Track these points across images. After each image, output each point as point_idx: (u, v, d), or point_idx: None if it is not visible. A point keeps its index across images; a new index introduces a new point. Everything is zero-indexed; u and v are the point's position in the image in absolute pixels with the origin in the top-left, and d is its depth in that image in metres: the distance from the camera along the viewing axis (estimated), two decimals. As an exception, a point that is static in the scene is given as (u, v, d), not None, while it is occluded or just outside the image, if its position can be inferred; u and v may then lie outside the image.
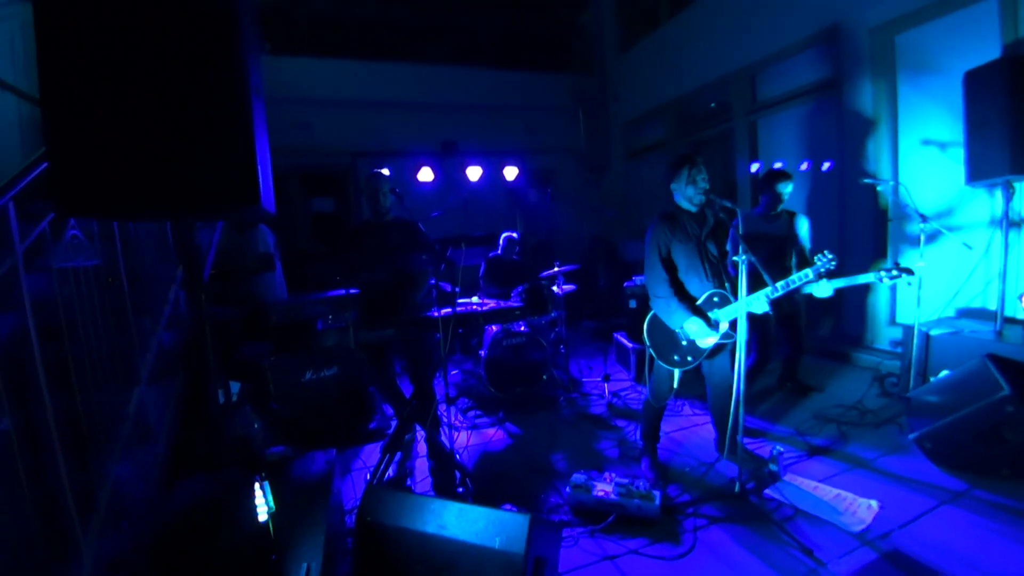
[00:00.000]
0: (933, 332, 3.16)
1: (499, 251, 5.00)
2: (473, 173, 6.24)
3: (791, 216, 3.45)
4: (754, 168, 5.77)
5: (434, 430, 2.91)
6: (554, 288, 4.40)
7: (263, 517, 1.47)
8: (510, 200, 7.87)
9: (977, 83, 2.92)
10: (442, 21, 7.64)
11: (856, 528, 2.15)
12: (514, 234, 5.03)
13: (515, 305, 3.03)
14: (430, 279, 3.16)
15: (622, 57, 7.92)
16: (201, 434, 2.32)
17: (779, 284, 2.36)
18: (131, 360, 2.23)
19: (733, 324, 2.47)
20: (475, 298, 4.03)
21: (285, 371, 3.23)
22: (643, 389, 4.01)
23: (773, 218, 3.45)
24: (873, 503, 2.30)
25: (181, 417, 2.46)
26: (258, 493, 1.49)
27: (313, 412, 3.26)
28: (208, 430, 1.37)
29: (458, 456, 2.95)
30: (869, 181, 3.45)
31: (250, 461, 2.26)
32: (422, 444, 3.13)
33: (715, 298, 2.52)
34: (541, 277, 4.55)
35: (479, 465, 3.05)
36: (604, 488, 2.37)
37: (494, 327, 3.95)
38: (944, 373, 2.87)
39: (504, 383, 3.86)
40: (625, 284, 4.50)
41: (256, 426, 2.57)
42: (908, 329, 3.30)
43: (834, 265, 2.39)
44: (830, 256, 2.39)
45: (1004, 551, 1.95)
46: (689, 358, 2.56)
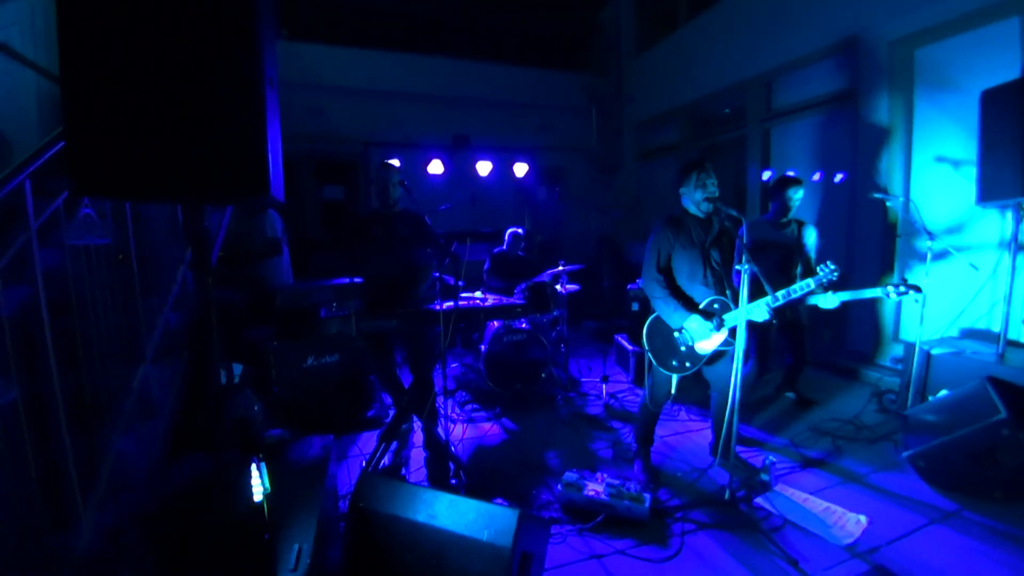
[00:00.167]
0: (935, 351, 3.15)
1: (504, 247, 5.02)
2: (483, 168, 6.26)
3: (800, 225, 3.43)
4: (766, 176, 5.74)
5: (431, 422, 2.94)
6: (557, 287, 4.41)
7: (258, 497, 1.50)
8: (519, 197, 7.88)
9: (994, 102, 2.90)
10: (461, 15, 7.64)
11: (844, 542, 2.16)
12: (520, 230, 5.03)
13: (517, 302, 3.05)
14: (434, 272, 3.18)
15: (638, 58, 7.88)
16: (202, 413, 2.36)
17: (779, 293, 2.37)
18: (137, 338, 2.28)
19: (733, 332, 2.47)
20: (478, 293, 4.06)
21: (287, 356, 3.27)
22: (641, 392, 4.02)
23: (782, 225, 3.44)
24: (862, 518, 2.31)
25: (183, 396, 2.51)
26: (255, 474, 1.52)
27: (313, 397, 3.31)
28: (208, 410, 1.40)
29: (453, 448, 2.98)
30: (879, 196, 3.43)
31: (248, 442, 2.30)
32: (419, 435, 3.16)
33: (715, 305, 2.53)
34: (545, 275, 4.56)
35: (473, 458, 3.09)
36: (595, 488, 2.40)
37: (496, 323, 3.97)
38: (943, 393, 2.87)
39: (503, 379, 3.89)
40: (629, 286, 4.51)
41: (256, 408, 2.61)
42: (909, 346, 3.28)
43: (836, 276, 2.39)
44: (833, 267, 2.39)
45: (991, 573, 1.96)
46: (687, 364, 2.57)
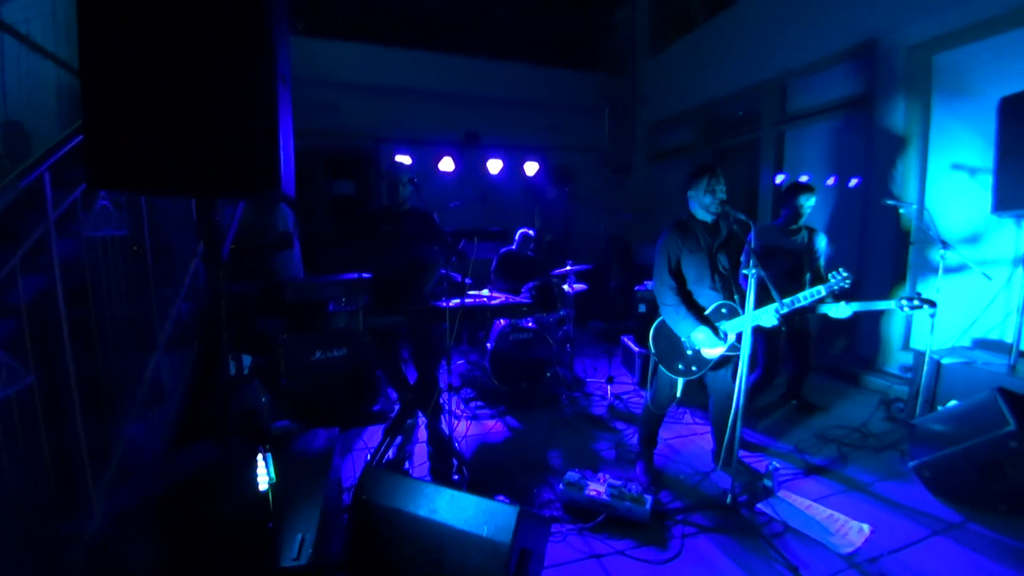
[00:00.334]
0: (945, 360, 3.11)
1: (514, 246, 5.03)
2: (494, 166, 6.26)
3: (811, 232, 3.40)
4: (779, 180, 5.69)
5: (435, 417, 2.97)
6: (565, 287, 4.42)
7: (263, 487, 1.53)
8: (529, 195, 7.87)
9: (1012, 110, 2.85)
10: (475, 13, 7.64)
11: (845, 550, 2.15)
12: (530, 231, 5.04)
13: (524, 301, 3.06)
14: (441, 269, 3.21)
15: (652, 59, 7.84)
16: (210, 403, 2.40)
17: (786, 300, 2.35)
18: (150, 327, 2.32)
19: (739, 338, 2.46)
20: (485, 291, 4.08)
21: (296, 349, 3.32)
22: (646, 394, 4.02)
23: (792, 232, 3.41)
24: (865, 527, 2.29)
25: (193, 385, 2.55)
26: (260, 463, 1.55)
27: (320, 390, 3.35)
28: (217, 400, 1.43)
29: (457, 445, 3.00)
30: (892, 203, 3.39)
31: (255, 433, 2.34)
32: (423, 430, 3.19)
33: (723, 309, 2.52)
34: (553, 275, 4.57)
35: (477, 455, 3.11)
36: (597, 488, 2.40)
37: (502, 321, 3.99)
38: (952, 403, 2.83)
39: (508, 377, 3.90)
40: (636, 288, 4.50)
41: (263, 400, 2.66)
42: (919, 355, 3.25)
43: (849, 284, 2.36)
44: (845, 274, 2.36)
45: (993, 586, 1.94)
46: (693, 368, 2.56)
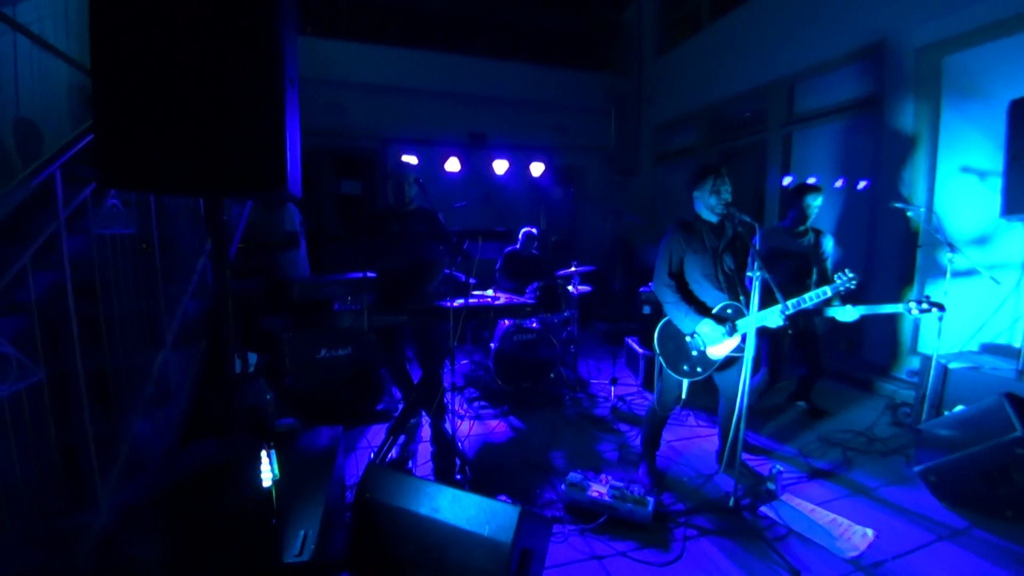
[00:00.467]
0: (952, 365, 3.09)
1: (518, 246, 5.03)
2: (499, 166, 6.27)
3: (818, 234, 3.38)
4: (786, 181, 5.66)
5: (439, 417, 2.98)
6: (569, 287, 4.42)
7: (267, 483, 1.55)
8: (534, 196, 7.88)
9: (1022, 113, 2.83)
10: (482, 13, 7.65)
11: (848, 554, 2.14)
12: (533, 230, 5.04)
13: (528, 301, 3.07)
14: (445, 269, 3.22)
15: (659, 59, 7.82)
16: (216, 400, 2.43)
17: (792, 301, 2.34)
18: (158, 325, 2.35)
19: (744, 338, 2.46)
20: (490, 291, 4.09)
21: (301, 347, 3.34)
22: (650, 395, 4.02)
23: (799, 234, 3.39)
24: (869, 531, 2.28)
25: (200, 382, 2.58)
26: (265, 460, 1.57)
27: (324, 389, 3.37)
28: (222, 397, 1.44)
29: (460, 444, 3.01)
30: (899, 206, 3.36)
31: (260, 430, 2.36)
32: (426, 429, 3.20)
33: (729, 310, 2.51)
34: (557, 276, 4.57)
35: (479, 455, 3.12)
36: (599, 489, 2.41)
37: (506, 321, 4.00)
38: (959, 408, 2.81)
39: (511, 377, 3.91)
40: (640, 289, 4.49)
41: (268, 397, 2.68)
42: (927, 360, 3.22)
43: (855, 285, 2.35)
44: (851, 275, 2.35)
45: (998, 593, 1.93)
46: (699, 369, 2.55)
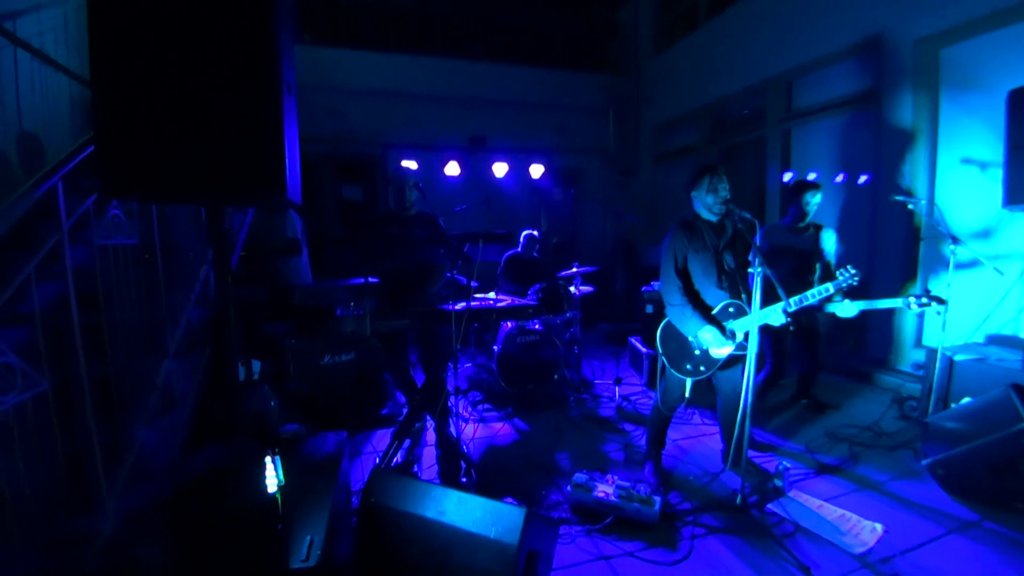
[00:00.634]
0: (958, 357, 3.07)
1: (519, 248, 5.04)
2: (499, 169, 6.28)
3: (818, 229, 3.38)
4: (786, 177, 5.65)
5: (443, 421, 2.98)
6: (571, 288, 4.42)
7: (273, 489, 1.55)
8: (535, 198, 7.89)
9: (1021, 102, 2.81)
10: (479, 17, 7.68)
11: (858, 550, 2.12)
12: (535, 232, 5.05)
13: (530, 303, 3.07)
14: (447, 272, 3.22)
15: (657, 59, 7.83)
16: (220, 407, 2.43)
17: (794, 299, 2.34)
18: (161, 333, 2.36)
19: (747, 336, 2.45)
20: (492, 294, 4.09)
21: (304, 353, 3.35)
22: (654, 395, 4.00)
23: (800, 230, 3.39)
24: (878, 526, 2.27)
25: (204, 389, 2.59)
26: (270, 467, 1.57)
27: (328, 394, 3.37)
28: (227, 404, 1.45)
29: (464, 447, 3.01)
30: (901, 199, 3.35)
31: (264, 436, 2.36)
32: (431, 433, 3.20)
33: (730, 308, 2.51)
34: (559, 277, 4.57)
35: (484, 457, 3.11)
36: (605, 489, 2.40)
37: (509, 323, 3.99)
38: (966, 400, 2.79)
39: (515, 379, 3.91)
40: (643, 289, 4.49)
41: (272, 404, 2.68)
42: (932, 352, 3.20)
43: (857, 281, 2.34)
44: (853, 271, 2.34)
45: (1010, 586, 1.91)
46: (702, 368, 2.55)
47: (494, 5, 7.72)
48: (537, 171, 6.44)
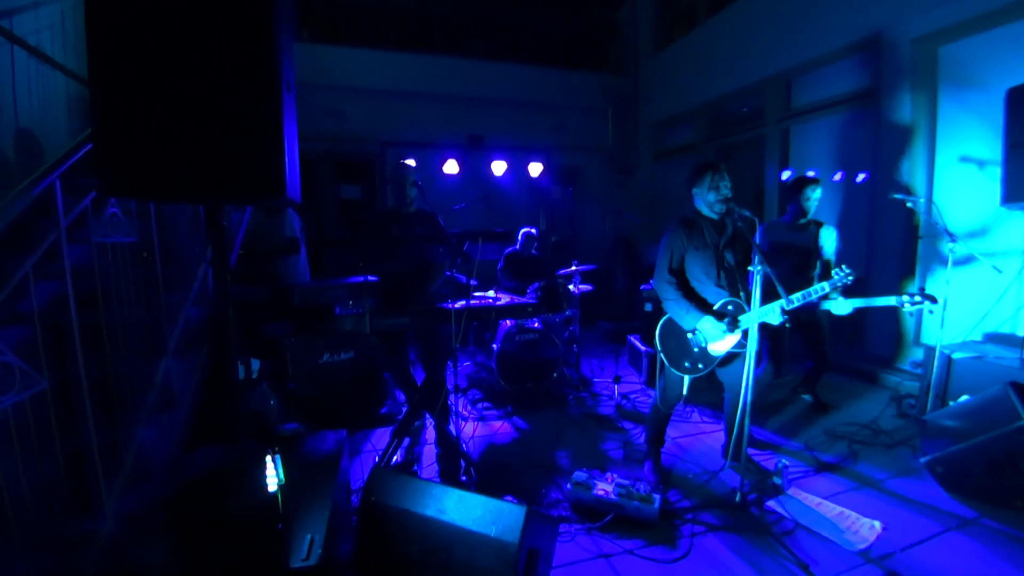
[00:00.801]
0: (956, 355, 3.08)
1: (518, 247, 5.04)
2: (498, 167, 6.27)
3: (818, 226, 3.38)
4: (785, 176, 5.66)
5: (443, 419, 2.98)
6: (570, 287, 4.42)
7: (273, 488, 1.54)
8: (533, 196, 7.89)
9: (1019, 100, 2.82)
10: (478, 16, 7.67)
11: (857, 547, 2.13)
12: (533, 230, 5.05)
13: (530, 301, 3.06)
14: (446, 271, 3.22)
15: (655, 57, 7.83)
16: (219, 406, 2.43)
17: (793, 297, 2.34)
18: (160, 332, 2.35)
19: (747, 333, 2.45)
20: (491, 292, 4.09)
21: (303, 352, 3.34)
22: (653, 393, 4.00)
23: (800, 228, 3.39)
24: (876, 523, 2.27)
25: (202, 389, 2.58)
26: (270, 466, 1.56)
27: (328, 393, 3.37)
28: (226, 403, 1.44)
29: (464, 446, 3.01)
30: (899, 197, 3.35)
31: (264, 435, 2.36)
32: (431, 432, 3.20)
33: (730, 306, 2.51)
34: (558, 275, 4.57)
35: (484, 456, 3.11)
36: (605, 488, 2.40)
37: (508, 322, 3.99)
38: (964, 398, 2.81)
39: (514, 377, 3.91)
40: (642, 287, 4.49)
41: (272, 403, 2.68)
42: (930, 350, 3.21)
43: (851, 280, 2.35)
44: (847, 271, 2.35)
45: (1008, 582, 1.92)
46: (700, 365, 2.55)
47: (494, 4, 7.71)
48: (536, 170, 6.43)
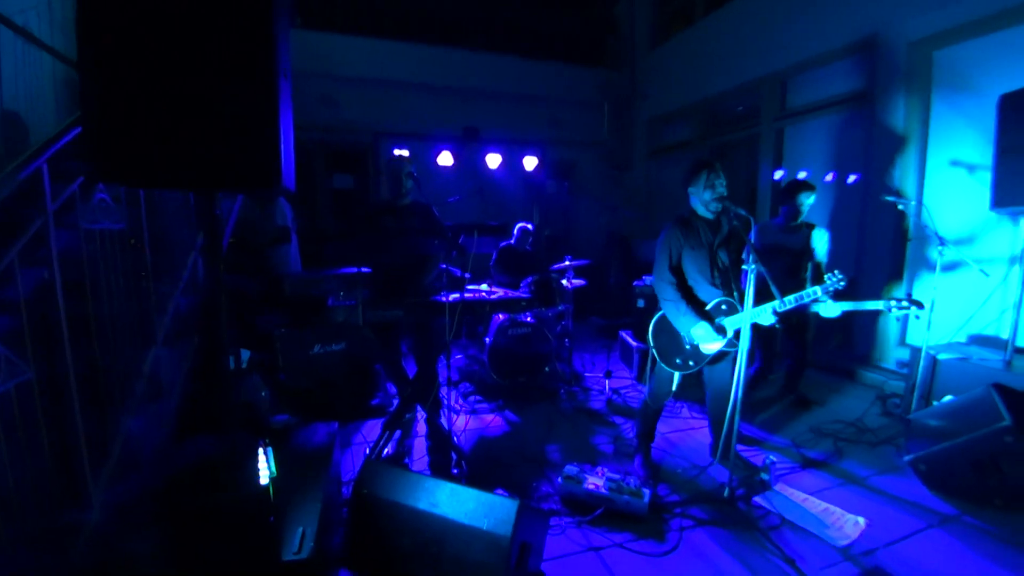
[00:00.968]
0: (941, 356, 3.13)
1: (512, 240, 5.03)
2: (493, 160, 6.24)
3: (810, 228, 3.41)
4: (778, 175, 5.69)
5: (434, 412, 2.98)
6: (564, 281, 4.42)
7: (264, 480, 1.53)
8: (528, 190, 7.86)
9: (1012, 107, 2.85)
10: (476, 7, 7.58)
11: (841, 543, 2.17)
12: (528, 225, 5.04)
13: (523, 295, 3.06)
14: (441, 263, 3.21)
15: (652, 54, 7.81)
16: (209, 396, 2.40)
17: (787, 299, 2.36)
18: (149, 321, 2.32)
19: (737, 334, 2.47)
20: (484, 285, 4.08)
21: (294, 343, 3.31)
22: (644, 388, 4.04)
23: (792, 230, 3.41)
24: (860, 520, 2.31)
25: (192, 379, 2.55)
26: (261, 458, 1.55)
27: (319, 385, 3.35)
28: (216, 394, 1.43)
29: (455, 439, 3.01)
30: (891, 199, 3.39)
31: (255, 427, 2.34)
32: (422, 424, 3.20)
33: (723, 306, 2.53)
34: (552, 270, 4.57)
35: (475, 449, 3.12)
36: (595, 482, 2.42)
37: (501, 315, 3.99)
38: (948, 398, 2.86)
39: (506, 371, 3.91)
40: (635, 283, 4.50)
41: (263, 394, 2.66)
42: (916, 351, 3.27)
43: (843, 285, 2.38)
44: (839, 276, 2.38)
45: (987, 578, 1.97)
46: (691, 362, 2.58)
47: (491, -2, 7.62)
48: (531, 163, 6.40)
